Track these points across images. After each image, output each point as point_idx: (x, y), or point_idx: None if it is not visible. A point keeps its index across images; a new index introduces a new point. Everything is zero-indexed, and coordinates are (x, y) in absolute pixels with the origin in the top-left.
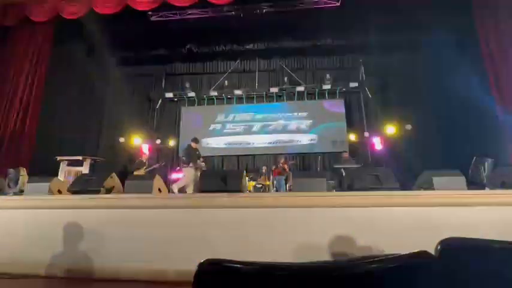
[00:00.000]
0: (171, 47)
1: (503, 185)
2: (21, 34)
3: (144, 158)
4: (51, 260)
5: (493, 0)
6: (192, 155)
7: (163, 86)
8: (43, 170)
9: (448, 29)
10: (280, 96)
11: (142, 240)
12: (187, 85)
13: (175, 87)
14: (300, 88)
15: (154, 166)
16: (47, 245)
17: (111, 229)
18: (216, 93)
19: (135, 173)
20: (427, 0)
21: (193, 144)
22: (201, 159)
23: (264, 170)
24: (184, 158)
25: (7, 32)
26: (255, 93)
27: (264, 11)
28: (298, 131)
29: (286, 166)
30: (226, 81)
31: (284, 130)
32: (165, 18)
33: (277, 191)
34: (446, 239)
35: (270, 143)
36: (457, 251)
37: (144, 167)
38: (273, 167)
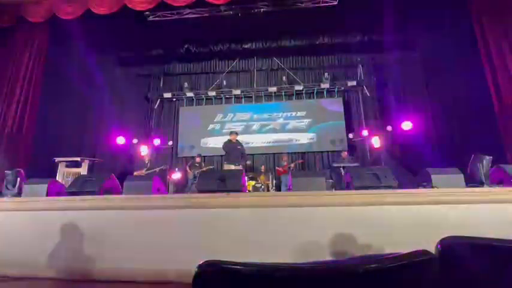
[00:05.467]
0: (168, 47)
1: (502, 183)
2: (17, 35)
3: (146, 159)
4: (50, 261)
5: None
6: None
7: (161, 86)
8: (41, 171)
9: (446, 27)
10: (278, 95)
11: (142, 240)
12: (186, 85)
13: (173, 87)
14: (299, 87)
15: (155, 169)
16: (46, 247)
17: (110, 230)
18: (214, 93)
19: (136, 173)
20: None
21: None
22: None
23: (263, 170)
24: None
25: (3, 32)
26: (253, 93)
27: (262, 10)
28: (297, 130)
29: (293, 165)
30: (224, 81)
31: (283, 129)
32: (162, 18)
33: (278, 190)
34: (445, 238)
35: (269, 142)
36: (457, 249)
37: (146, 168)
38: (278, 167)
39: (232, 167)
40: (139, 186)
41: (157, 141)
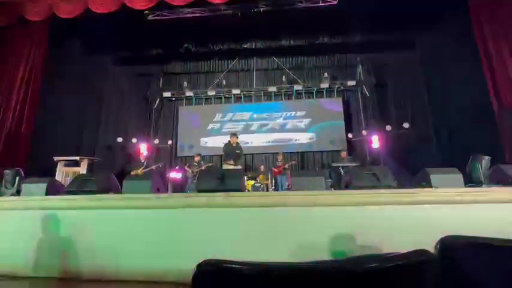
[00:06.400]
0: (168, 46)
1: (500, 183)
2: (16, 34)
3: (142, 158)
4: (48, 261)
5: None
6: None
7: (160, 85)
8: (40, 170)
9: (446, 27)
10: (278, 95)
11: (141, 240)
12: (185, 84)
13: (173, 87)
14: (298, 87)
15: (152, 167)
16: (45, 246)
17: (110, 229)
18: (213, 93)
19: (132, 172)
20: None
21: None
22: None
23: (262, 169)
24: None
25: (3, 31)
26: (253, 93)
27: (262, 9)
28: (297, 129)
29: (287, 165)
30: (224, 81)
31: (282, 129)
32: (162, 17)
33: (277, 190)
34: (445, 238)
35: (268, 142)
36: (456, 249)
37: (142, 167)
38: (273, 167)
39: (231, 167)
40: (139, 186)
41: (156, 141)
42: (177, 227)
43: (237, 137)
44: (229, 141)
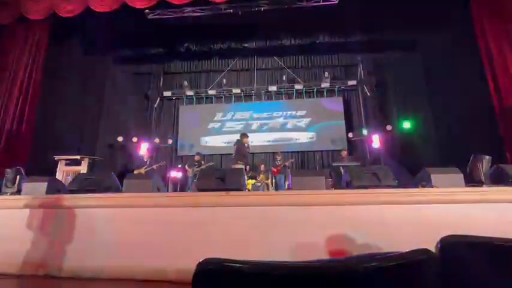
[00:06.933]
0: (168, 46)
1: (501, 182)
2: (17, 33)
3: (146, 157)
4: (49, 259)
5: None
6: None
7: (161, 84)
8: (41, 169)
9: (447, 27)
10: (278, 94)
11: (141, 239)
12: (186, 84)
13: (173, 86)
14: (299, 86)
15: (153, 166)
16: (45, 245)
17: (110, 228)
18: (214, 92)
19: (136, 171)
20: None
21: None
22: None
23: (262, 168)
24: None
25: (2, 30)
26: (253, 92)
27: (262, 9)
28: (297, 129)
29: (287, 164)
30: (224, 80)
31: (283, 128)
32: (162, 16)
33: (277, 189)
34: (446, 237)
35: (269, 141)
36: (457, 248)
37: (145, 167)
38: (272, 167)
39: (237, 166)
40: (139, 185)
41: (157, 140)
42: (177, 226)
43: (247, 137)
44: (239, 140)
